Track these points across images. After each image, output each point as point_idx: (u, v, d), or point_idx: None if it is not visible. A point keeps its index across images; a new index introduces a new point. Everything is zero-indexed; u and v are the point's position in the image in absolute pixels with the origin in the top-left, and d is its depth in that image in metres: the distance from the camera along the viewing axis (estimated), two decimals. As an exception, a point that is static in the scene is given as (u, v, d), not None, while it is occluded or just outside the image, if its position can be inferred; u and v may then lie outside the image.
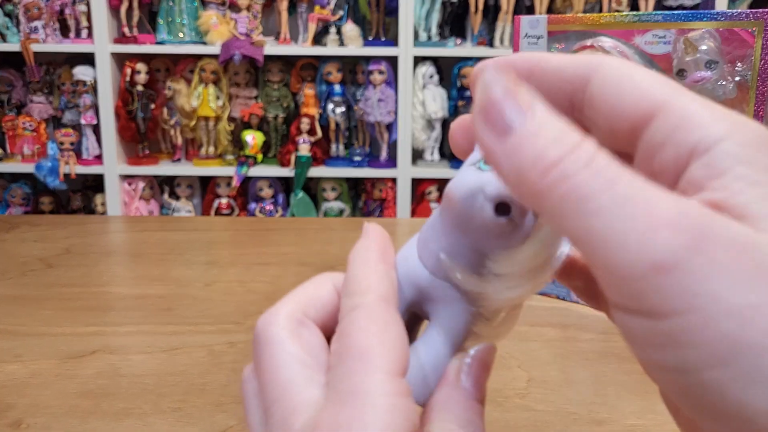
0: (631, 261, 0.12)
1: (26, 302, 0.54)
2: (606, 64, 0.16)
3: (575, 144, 0.13)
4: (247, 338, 0.48)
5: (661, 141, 0.15)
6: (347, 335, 0.17)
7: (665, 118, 0.15)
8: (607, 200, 0.13)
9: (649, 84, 0.15)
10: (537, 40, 0.51)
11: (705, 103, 0.15)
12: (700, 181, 0.14)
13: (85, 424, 0.37)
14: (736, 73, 0.47)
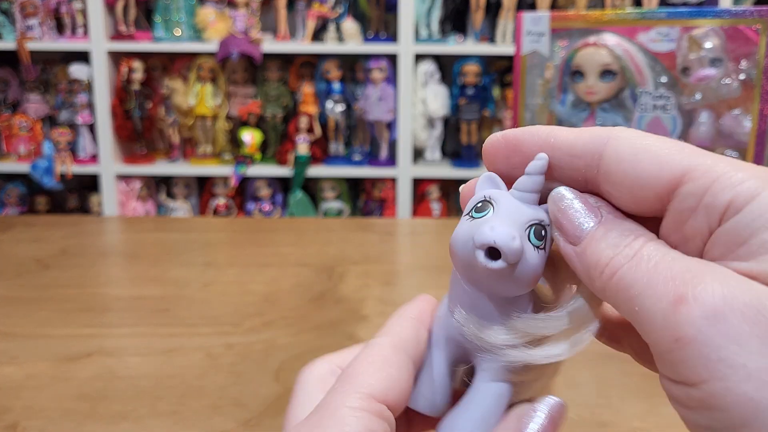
0: (661, 337, 0.14)
1: (22, 303, 0.54)
2: (616, 137, 0.17)
3: (626, 244, 0.16)
4: (245, 340, 0.47)
5: (691, 206, 0.15)
6: (348, 365, 0.19)
7: (693, 183, 0.15)
8: (642, 286, 0.15)
9: (668, 152, 0.16)
10: (539, 37, 0.51)
11: (731, 163, 0.15)
12: (729, 243, 0.15)
13: (82, 427, 0.36)
14: (740, 71, 0.46)
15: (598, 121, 0.52)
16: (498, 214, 0.18)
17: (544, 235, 0.18)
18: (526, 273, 0.17)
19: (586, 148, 0.17)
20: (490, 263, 0.17)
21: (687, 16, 0.47)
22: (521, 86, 0.53)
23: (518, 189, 0.18)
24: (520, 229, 0.17)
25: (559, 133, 0.18)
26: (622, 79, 0.50)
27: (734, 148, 0.49)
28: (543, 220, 0.18)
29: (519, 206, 0.18)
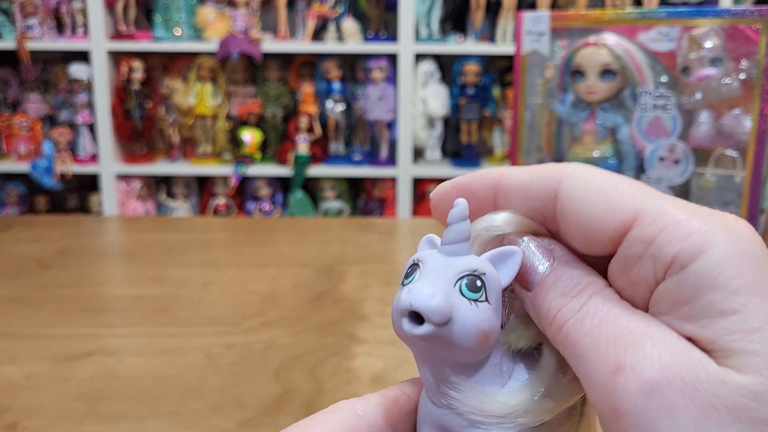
0: (601, 404, 0.14)
1: (21, 303, 0.54)
2: (569, 176, 0.16)
3: (574, 294, 0.16)
4: (245, 340, 0.47)
5: (638, 253, 0.15)
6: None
7: (642, 229, 0.15)
8: (585, 347, 0.15)
9: (620, 193, 0.15)
10: (539, 37, 0.51)
11: (684, 208, 0.14)
12: (674, 301, 0.14)
13: (81, 427, 0.36)
14: (740, 71, 0.46)
15: (598, 121, 0.52)
16: (422, 275, 0.16)
17: (480, 286, 0.16)
18: (466, 331, 0.16)
19: (540, 188, 0.17)
20: (415, 329, 0.15)
21: (687, 15, 0.47)
22: (521, 86, 0.53)
23: (445, 243, 0.17)
24: (446, 285, 0.16)
25: (511, 174, 0.17)
26: (623, 78, 0.50)
27: (734, 148, 0.48)
28: (477, 270, 0.16)
29: (446, 261, 0.16)
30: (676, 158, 0.50)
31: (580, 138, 0.53)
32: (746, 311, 0.13)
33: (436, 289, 0.15)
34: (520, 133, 0.54)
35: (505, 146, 1.72)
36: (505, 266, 0.17)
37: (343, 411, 0.18)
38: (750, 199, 0.47)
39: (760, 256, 0.14)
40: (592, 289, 0.16)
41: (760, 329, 0.13)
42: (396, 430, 0.19)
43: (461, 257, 0.17)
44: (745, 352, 0.13)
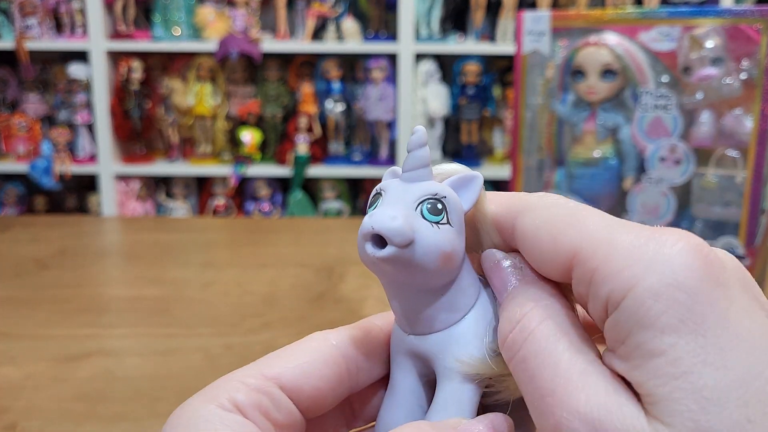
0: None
1: (20, 304, 0.54)
2: (523, 212, 0.16)
3: (517, 320, 0.16)
4: (244, 341, 0.47)
5: (582, 292, 0.15)
6: None
7: (580, 268, 0.15)
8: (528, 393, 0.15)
9: (561, 230, 0.15)
10: (540, 37, 0.50)
11: (617, 243, 0.14)
12: (612, 339, 0.14)
13: (81, 428, 0.36)
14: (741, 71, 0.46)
15: (599, 121, 0.52)
16: (384, 201, 0.17)
17: (441, 209, 0.16)
18: (428, 252, 0.16)
19: (503, 222, 0.17)
20: (378, 252, 0.16)
21: (688, 15, 0.47)
22: (522, 86, 0.52)
23: (405, 170, 0.17)
24: (407, 208, 0.16)
25: (485, 204, 0.18)
26: (623, 78, 0.50)
27: (735, 148, 0.48)
28: (437, 193, 0.16)
29: (407, 187, 0.17)
30: (677, 158, 0.50)
31: (581, 138, 0.53)
32: (674, 352, 0.13)
33: (397, 212, 0.16)
34: (521, 133, 0.54)
35: (505, 146, 1.72)
36: (467, 191, 0.17)
37: (317, 341, 0.18)
38: (751, 199, 0.47)
39: (694, 285, 0.13)
40: (537, 316, 0.16)
41: (687, 373, 0.13)
42: (368, 358, 0.19)
43: (422, 182, 0.17)
44: (670, 400, 0.13)
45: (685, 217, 0.52)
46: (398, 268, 0.16)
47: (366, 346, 0.19)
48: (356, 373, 0.19)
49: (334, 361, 0.18)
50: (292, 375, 0.17)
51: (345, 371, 0.18)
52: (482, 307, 0.18)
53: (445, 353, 0.17)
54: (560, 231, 0.15)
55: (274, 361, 0.18)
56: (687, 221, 0.52)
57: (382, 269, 0.16)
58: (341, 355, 0.18)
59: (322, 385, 0.18)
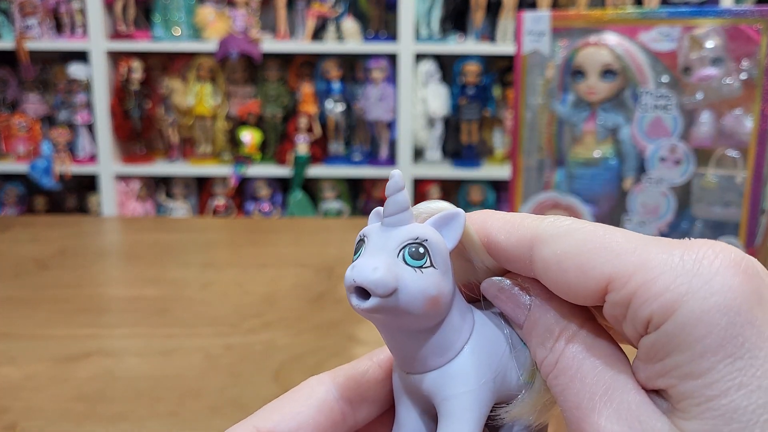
0: None
1: (20, 304, 0.54)
2: (541, 242, 0.16)
3: (549, 345, 0.16)
4: (244, 341, 0.47)
5: (620, 315, 0.15)
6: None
7: (617, 293, 0.15)
8: (561, 405, 0.16)
9: (589, 259, 0.15)
10: (540, 37, 0.50)
11: (653, 264, 0.14)
12: (650, 357, 0.15)
13: (80, 428, 0.36)
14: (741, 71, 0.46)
15: (599, 121, 0.52)
16: (366, 250, 0.17)
17: (424, 252, 0.16)
18: (413, 299, 0.16)
19: (516, 253, 0.17)
20: (362, 304, 0.16)
21: (688, 15, 0.47)
22: (522, 86, 0.52)
23: (386, 215, 0.17)
24: (389, 256, 0.16)
25: (491, 229, 0.17)
26: (623, 78, 0.50)
27: (735, 148, 0.48)
28: (418, 237, 0.16)
29: (388, 233, 0.17)
30: (677, 158, 0.50)
31: (581, 138, 0.53)
32: (711, 375, 0.13)
33: (378, 262, 0.16)
34: (521, 134, 0.54)
35: (505, 146, 1.72)
36: (449, 229, 0.17)
37: (310, 387, 0.19)
38: (751, 199, 0.47)
39: (734, 306, 0.13)
40: (565, 337, 0.16)
41: (721, 395, 0.13)
42: (366, 398, 0.19)
43: (402, 227, 0.17)
44: (702, 419, 0.13)
45: (685, 217, 0.52)
46: (385, 315, 0.16)
47: (362, 385, 0.19)
48: (352, 414, 0.19)
49: (329, 407, 0.18)
50: (287, 427, 0.18)
51: (340, 415, 0.19)
52: (478, 338, 0.18)
53: (442, 387, 0.17)
54: (588, 260, 0.15)
55: (269, 414, 0.18)
56: (687, 221, 0.52)
57: (370, 318, 0.16)
58: (335, 399, 0.19)
59: (302, 421, 0.18)
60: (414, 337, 0.17)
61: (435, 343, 0.17)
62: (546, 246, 0.16)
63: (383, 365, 0.20)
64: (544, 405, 0.18)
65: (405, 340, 0.17)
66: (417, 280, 0.16)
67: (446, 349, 0.17)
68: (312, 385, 0.19)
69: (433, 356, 0.17)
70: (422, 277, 0.16)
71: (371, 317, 0.16)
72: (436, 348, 0.17)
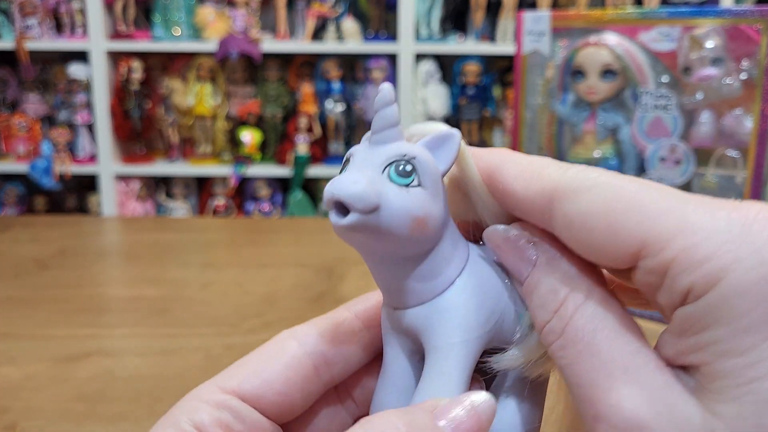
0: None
1: (20, 304, 0.54)
2: (562, 198, 0.14)
3: (554, 309, 0.15)
4: (245, 341, 0.47)
5: (654, 283, 0.13)
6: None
7: (652, 259, 0.13)
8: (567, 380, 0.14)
9: (621, 219, 0.13)
10: (540, 37, 0.50)
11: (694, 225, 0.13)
12: (685, 329, 0.13)
13: (80, 428, 0.36)
14: (741, 71, 0.46)
15: (599, 121, 0.52)
16: (351, 165, 0.15)
17: (411, 170, 0.15)
18: (396, 218, 0.14)
19: (533, 206, 0.15)
20: (341, 221, 0.14)
21: (688, 15, 0.47)
22: (522, 86, 0.52)
23: (373, 132, 0.16)
24: (373, 172, 0.15)
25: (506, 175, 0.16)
26: (623, 78, 0.50)
27: (735, 148, 0.48)
28: (406, 154, 0.15)
29: (374, 150, 0.15)
30: (677, 158, 0.50)
31: (581, 138, 0.53)
32: (754, 354, 0.12)
33: (359, 176, 0.14)
34: (521, 134, 0.54)
35: (505, 146, 1.72)
36: (442, 151, 0.16)
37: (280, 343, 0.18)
38: (751, 199, 0.47)
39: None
40: (574, 302, 0.14)
41: (762, 378, 0.12)
42: (341, 350, 0.18)
43: (390, 144, 0.15)
44: (739, 402, 0.12)
45: (685, 218, 0.52)
46: (366, 235, 0.15)
47: (337, 337, 0.18)
48: (327, 367, 0.18)
49: (299, 362, 0.17)
50: (251, 385, 0.17)
51: (312, 369, 0.18)
52: (472, 273, 0.16)
53: (431, 326, 0.16)
54: (618, 220, 0.13)
55: (234, 372, 0.17)
56: (687, 221, 0.52)
57: (349, 238, 0.15)
58: (306, 354, 0.17)
59: (286, 390, 0.17)
60: (400, 265, 0.16)
61: (423, 272, 0.16)
62: (569, 201, 0.14)
63: (361, 316, 0.18)
64: (540, 359, 0.16)
65: (391, 269, 0.16)
66: (402, 198, 0.15)
67: (435, 280, 0.16)
68: (282, 340, 0.18)
69: (420, 288, 0.16)
70: (408, 196, 0.15)
71: (350, 238, 0.15)
72: (424, 278, 0.16)
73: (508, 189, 0.16)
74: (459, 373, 0.16)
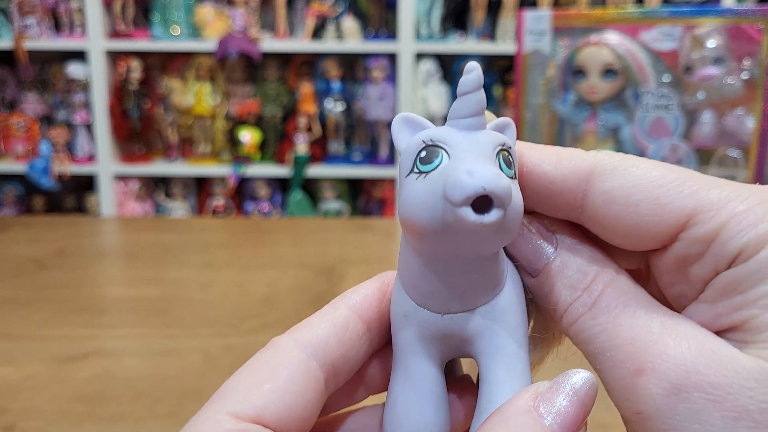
0: (622, 406, 0.14)
1: (19, 304, 0.53)
2: (601, 173, 0.14)
3: (584, 286, 0.15)
4: (244, 341, 0.47)
5: (698, 252, 0.14)
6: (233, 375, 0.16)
7: (700, 227, 0.13)
8: (601, 345, 0.14)
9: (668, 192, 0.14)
10: (541, 36, 0.50)
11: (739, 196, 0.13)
12: (727, 291, 0.13)
13: (79, 429, 0.36)
14: (743, 70, 0.46)
15: (600, 121, 0.52)
16: (459, 155, 0.13)
17: (512, 161, 0.14)
18: (516, 214, 0.14)
19: (566, 186, 0.15)
20: (485, 217, 0.13)
21: (689, 14, 0.47)
22: (523, 85, 0.52)
23: (460, 117, 0.14)
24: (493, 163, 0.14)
25: (533, 159, 0.15)
26: (625, 78, 0.50)
27: (737, 148, 0.48)
28: (505, 143, 0.14)
29: (475, 136, 0.14)
30: (678, 158, 0.50)
31: (582, 138, 0.53)
32: None
33: (494, 168, 0.13)
34: (522, 133, 0.54)
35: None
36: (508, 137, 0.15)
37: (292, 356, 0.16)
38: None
39: None
40: (603, 280, 0.15)
41: None
42: (348, 358, 0.16)
43: (485, 131, 0.14)
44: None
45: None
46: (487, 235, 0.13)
47: (344, 345, 0.16)
48: (334, 377, 0.16)
49: (316, 380, 0.15)
50: (275, 413, 0.14)
51: (323, 384, 0.16)
52: (513, 274, 0.16)
53: (491, 327, 0.15)
54: (666, 193, 0.14)
55: (246, 394, 0.15)
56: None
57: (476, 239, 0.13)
58: (318, 367, 0.16)
59: (306, 415, 0.15)
60: (473, 266, 0.14)
61: (490, 273, 0.15)
62: (610, 178, 0.14)
63: (364, 315, 0.17)
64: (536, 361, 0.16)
65: (461, 270, 0.14)
66: (518, 192, 0.14)
67: (497, 280, 0.15)
68: (292, 354, 0.15)
69: (484, 289, 0.15)
70: (517, 189, 0.14)
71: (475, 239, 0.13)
72: (489, 279, 0.15)
73: (535, 171, 0.15)
74: (529, 373, 0.15)
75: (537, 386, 0.14)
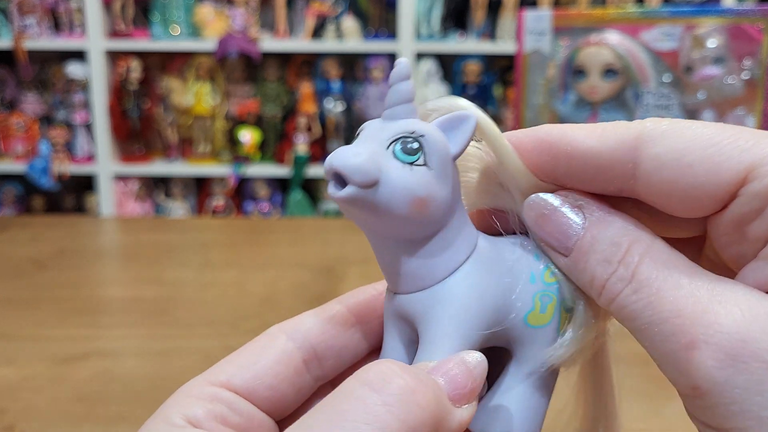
0: (677, 381, 0.13)
1: (18, 304, 0.53)
2: (649, 139, 0.14)
3: (619, 259, 0.14)
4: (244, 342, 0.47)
5: (758, 207, 0.13)
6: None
7: (760, 181, 0.13)
8: (646, 320, 0.13)
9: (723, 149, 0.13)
10: (541, 36, 0.50)
11: None
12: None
13: (79, 429, 0.36)
14: (743, 70, 0.46)
15: (600, 121, 0.52)
16: (358, 139, 0.15)
17: (417, 148, 0.15)
18: (395, 196, 0.14)
19: (614, 158, 0.14)
20: (338, 192, 0.14)
21: (690, 14, 0.47)
22: (523, 85, 0.52)
23: (387, 106, 0.15)
24: (378, 146, 0.14)
25: (574, 138, 0.15)
26: (625, 78, 0.50)
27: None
28: (414, 131, 0.15)
29: (384, 125, 0.15)
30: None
31: (582, 138, 0.53)
32: None
33: (362, 149, 0.14)
34: (522, 133, 0.53)
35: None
36: (456, 132, 0.15)
37: (270, 337, 0.18)
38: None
39: None
40: (638, 250, 0.14)
41: None
42: (333, 343, 0.18)
43: (400, 120, 0.15)
44: None
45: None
46: (364, 211, 0.14)
47: (327, 331, 0.18)
48: (317, 362, 0.18)
49: (289, 357, 0.17)
50: (242, 379, 0.17)
51: (302, 363, 0.17)
52: (478, 264, 0.16)
53: (426, 314, 0.15)
54: (721, 151, 0.13)
55: (223, 367, 0.17)
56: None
57: (346, 211, 0.15)
58: (296, 348, 0.17)
59: (277, 384, 0.17)
60: (401, 247, 0.15)
61: (424, 257, 0.15)
62: (660, 143, 0.14)
63: (354, 308, 0.18)
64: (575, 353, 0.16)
65: (391, 250, 0.15)
66: (404, 176, 0.14)
67: (434, 266, 0.15)
68: (271, 334, 0.18)
69: (419, 273, 0.15)
70: (410, 174, 0.14)
71: (350, 213, 0.15)
72: (424, 263, 0.15)
73: (580, 147, 0.15)
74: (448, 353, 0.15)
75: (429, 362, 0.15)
